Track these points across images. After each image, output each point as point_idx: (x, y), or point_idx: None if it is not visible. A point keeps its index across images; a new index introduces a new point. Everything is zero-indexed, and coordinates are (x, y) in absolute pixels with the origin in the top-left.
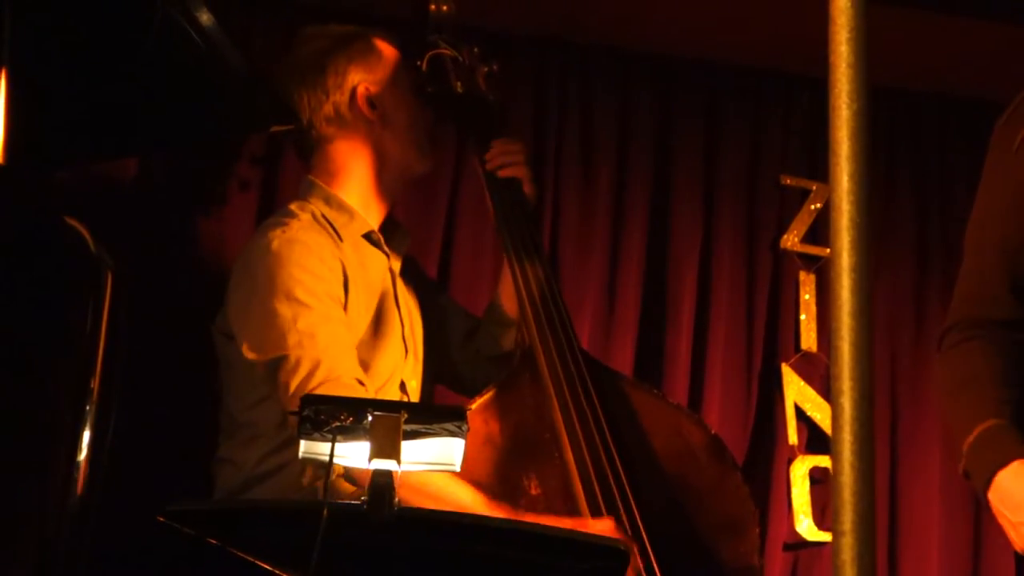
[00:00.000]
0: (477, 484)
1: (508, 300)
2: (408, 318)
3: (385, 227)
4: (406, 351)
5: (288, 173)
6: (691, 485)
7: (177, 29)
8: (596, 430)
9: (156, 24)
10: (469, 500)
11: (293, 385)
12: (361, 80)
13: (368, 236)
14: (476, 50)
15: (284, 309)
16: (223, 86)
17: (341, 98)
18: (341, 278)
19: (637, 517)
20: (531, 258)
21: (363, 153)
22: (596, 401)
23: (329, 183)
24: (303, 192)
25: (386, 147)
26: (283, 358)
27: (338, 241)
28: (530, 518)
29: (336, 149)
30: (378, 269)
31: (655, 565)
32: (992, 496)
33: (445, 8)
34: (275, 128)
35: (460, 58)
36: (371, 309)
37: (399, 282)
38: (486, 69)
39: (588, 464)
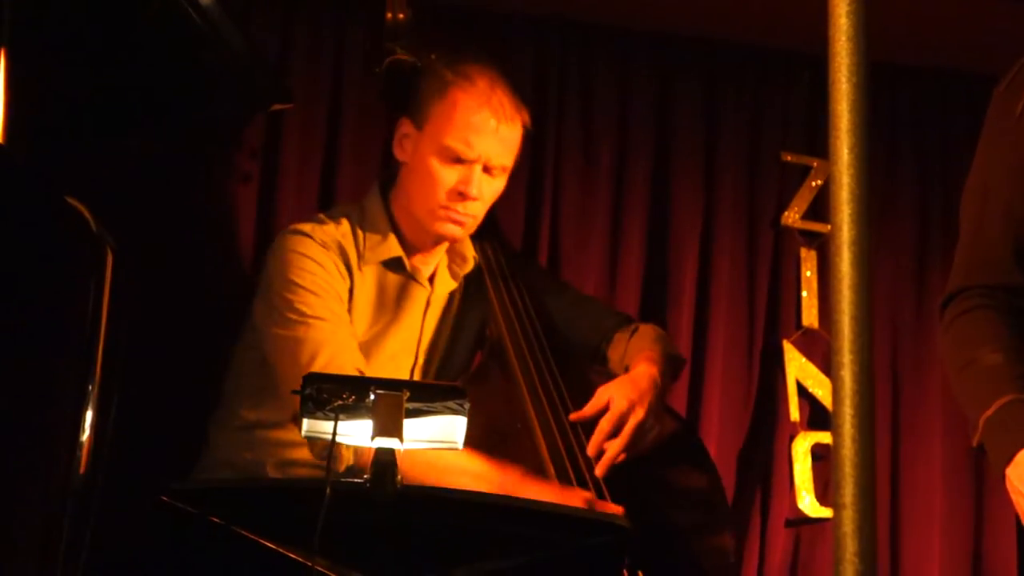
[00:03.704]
0: None
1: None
2: (427, 348)
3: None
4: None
5: (288, 165)
6: (662, 471)
7: (176, 8)
8: (567, 418)
9: (155, 3)
10: (478, 467)
11: (292, 367)
12: (408, 119)
13: (395, 262)
14: (434, 56)
15: (292, 294)
16: (222, 64)
17: (397, 130)
18: (347, 282)
19: (610, 503)
20: (495, 250)
21: (405, 186)
22: (565, 390)
23: (394, 198)
24: (367, 197)
25: (408, 191)
26: (286, 339)
27: (361, 255)
28: (532, 483)
29: (399, 173)
30: (404, 298)
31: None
32: (1012, 472)
33: (401, 16)
34: (274, 107)
35: (418, 64)
36: (374, 326)
37: (433, 310)
38: None
39: (561, 452)
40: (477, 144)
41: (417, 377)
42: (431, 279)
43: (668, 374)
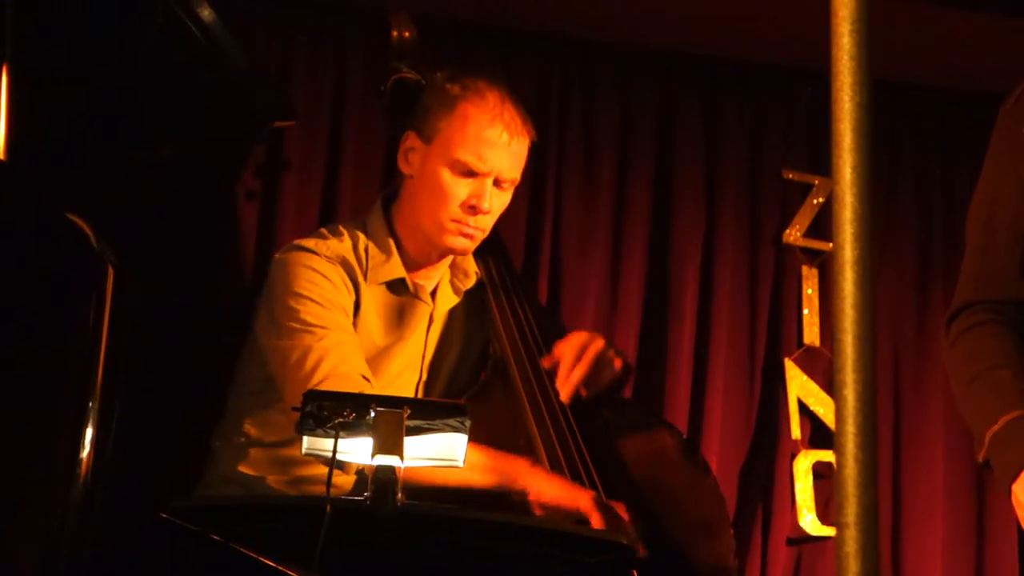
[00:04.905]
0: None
1: None
2: (431, 365)
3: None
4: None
5: (289, 179)
6: (665, 489)
7: (178, 24)
8: (570, 436)
9: (157, 19)
10: (484, 460)
11: (296, 376)
12: (413, 133)
13: (399, 283)
14: (439, 74)
15: (297, 305)
16: (224, 81)
17: (401, 143)
18: (352, 296)
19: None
20: (499, 264)
21: (411, 199)
22: (568, 408)
23: (396, 213)
24: (368, 213)
25: (414, 204)
26: (291, 348)
27: (364, 274)
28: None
29: (404, 186)
30: (408, 315)
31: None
32: (1017, 488)
33: (407, 35)
34: (276, 124)
35: (423, 82)
36: (379, 343)
37: (435, 327)
38: None
39: (564, 469)
40: (489, 158)
41: (421, 394)
42: (433, 294)
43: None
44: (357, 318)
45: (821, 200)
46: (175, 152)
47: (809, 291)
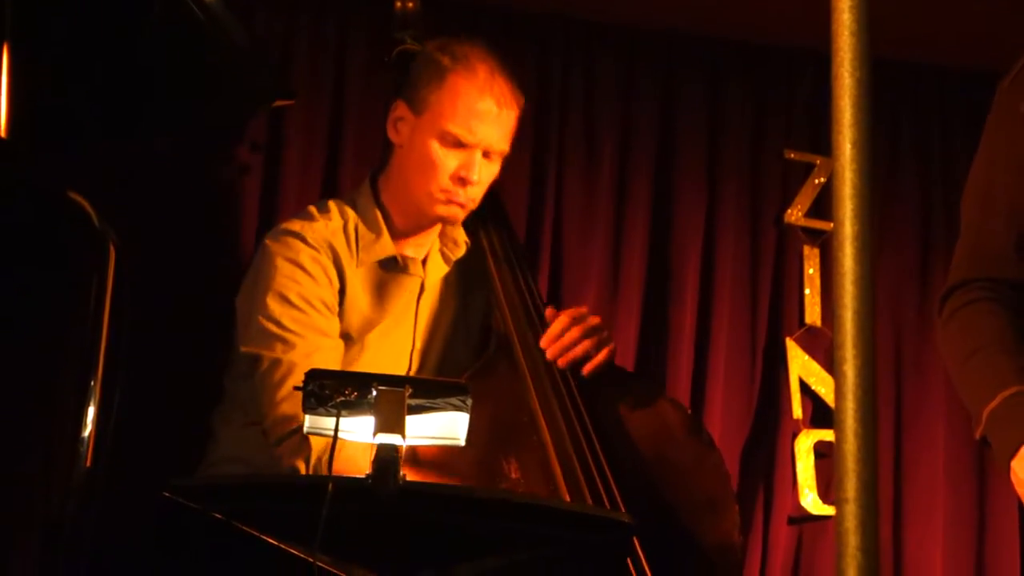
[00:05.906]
0: (456, 470)
1: None
2: (424, 333)
3: (444, 231)
4: (410, 368)
5: (290, 160)
6: (670, 465)
7: (179, 4)
8: (574, 411)
9: None
10: None
11: (263, 385)
12: (403, 103)
13: (390, 260)
14: (429, 44)
15: (275, 307)
16: (225, 60)
17: (391, 112)
18: (336, 285)
19: (617, 496)
20: (501, 236)
21: (400, 169)
22: (572, 384)
23: (384, 184)
24: (357, 189)
25: (403, 174)
26: (261, 357)
27: (354, 254)
28: None
29: (393, 155)
30: (398, 287)
31: (637, 545)
32: (1016, 465)
33: (411, 6)
34: (277, 103)
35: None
36: (370, 317)
37: (427, 296)
38: None
39: (567, 445)
40: (479, 130)
41: (415, 363)
42: (424, 263)
43: None
44: (343, 302)
45: (823, 180)
46: (173, 145)
47: (810, 271)
